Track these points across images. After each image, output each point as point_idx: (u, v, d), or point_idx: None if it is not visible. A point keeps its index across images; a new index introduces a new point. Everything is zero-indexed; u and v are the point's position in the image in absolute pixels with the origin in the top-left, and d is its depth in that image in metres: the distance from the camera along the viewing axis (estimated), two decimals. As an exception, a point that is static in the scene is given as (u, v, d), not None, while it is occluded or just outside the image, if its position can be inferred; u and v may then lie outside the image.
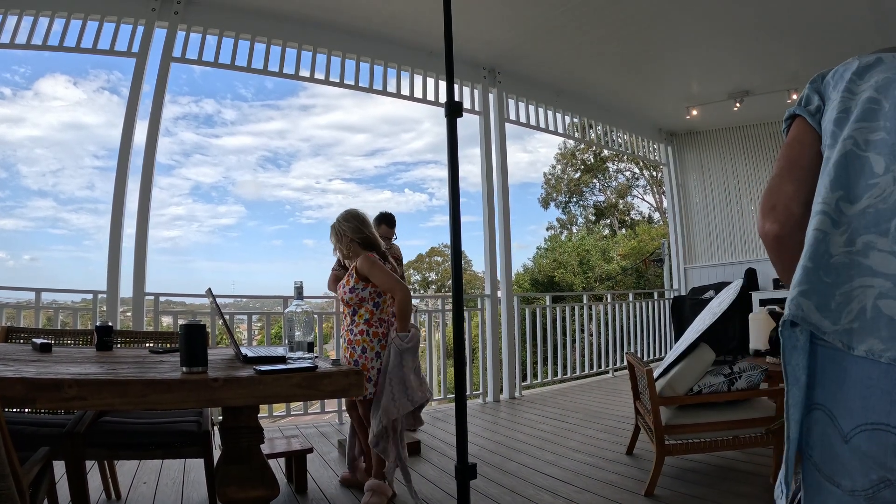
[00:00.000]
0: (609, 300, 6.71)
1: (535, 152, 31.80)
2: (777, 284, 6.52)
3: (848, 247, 0.63)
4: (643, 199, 22.00)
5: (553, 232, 22.18)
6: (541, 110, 5.92)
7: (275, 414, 4.48)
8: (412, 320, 2.62)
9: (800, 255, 0.73)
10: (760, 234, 0.81)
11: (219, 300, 3.06)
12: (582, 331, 6.09)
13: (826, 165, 0.74)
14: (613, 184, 22.09)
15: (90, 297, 3.82)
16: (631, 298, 6.91)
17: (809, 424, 0.63)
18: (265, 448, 2.52)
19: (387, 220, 3.98)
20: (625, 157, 18.47)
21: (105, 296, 3.70)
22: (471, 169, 5.70)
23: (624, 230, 21.18)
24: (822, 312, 0.61)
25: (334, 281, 3.35)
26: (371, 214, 3.75)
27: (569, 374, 6.02)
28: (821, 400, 0.61)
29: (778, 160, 0.88)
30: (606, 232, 21.78)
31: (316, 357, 1.75)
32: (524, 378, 5.56)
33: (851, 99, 0.79)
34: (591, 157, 21.10)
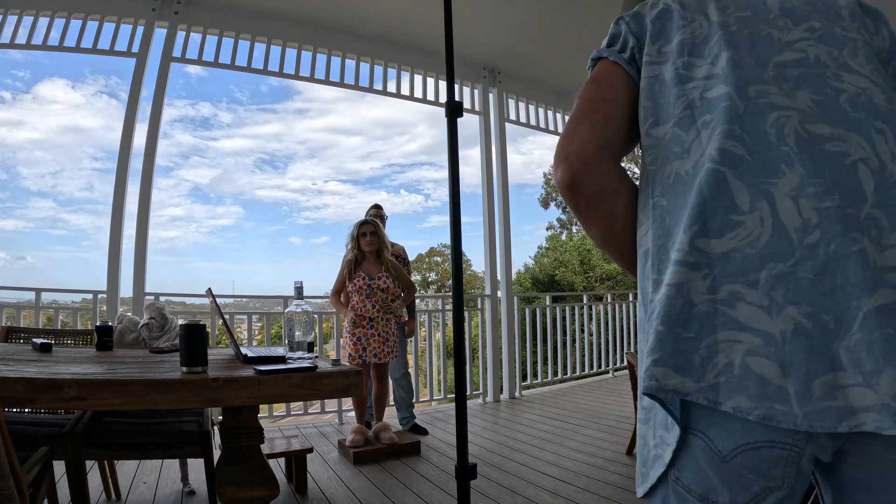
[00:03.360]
0: (609, 300, 6.71)
1: (528, 154, 31.87)
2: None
3: (711, 294, 0.57)
4: (643, 199, 22.03)
5: (553, 232, 22.19)
6: (541, 110, 5.92)
7: (275, 414, 4.48)
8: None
9: (605, 210, 0.72)
10: (557, 186, 0.73)
11: (219, 300, 3.06)
12: (582, 331, 6.08)
13: (676, 183, 0.66)
14: (613, 184, 22.12)
15: (90, 297, 3.83)
16: (631, 298, 6.90)
17: (680, 446, 0.58)
18: (265, 448, 2.53)
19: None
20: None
21: (105, 296, 3.71)
22: (465, 170, 5.68)
23: (624, 230, 21.20)
24: (683, 372, 0.56)
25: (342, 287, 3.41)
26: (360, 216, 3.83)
27: (569, 374, 6.01)
28: (696, 425, 0.58)
29: (575, 105, 0.79)
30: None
31: (316, 357, 1.75)
32: (524, 378, 5.56)
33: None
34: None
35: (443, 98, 4.21)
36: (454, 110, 1.51)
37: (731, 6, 0.77)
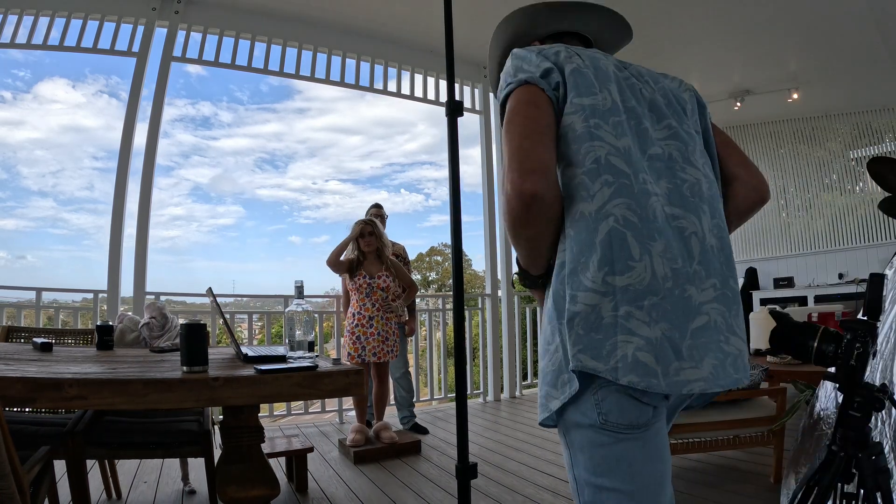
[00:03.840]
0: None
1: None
2: (778, 284, 6.53)
3: (614, 312, 0.85)
4: (644, 199, 22.02)
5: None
6: (541, 109, 5.92)
7: (275, 413, 4.48)
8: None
9: (548, 223, 0.90)
10: (516, 193, 0.86)
11: (219, 299, 3.06)
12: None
13: (581, 220, 0.89)
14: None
15: (91, 296, 3.83)
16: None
17: (602, 397, 0.88)
18: (266, 447, 2.53)
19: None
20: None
21: (106, 295, 3.71)
22: (466, 169, 5.69)
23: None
24: (597, 359, 0.85)
25: (342, 260, 3.42)
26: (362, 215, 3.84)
27: (569, 374, 6.01)
28: (599, 387, 0.88)
29: (518, 124, 0.92)
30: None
31: (316, 356, 1.75)
32: (525, 377, 5.56)
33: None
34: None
35: (443, 97, 4.21)
36: (454, 109, 1.51)
37: (625, 91, 1.00)
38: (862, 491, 1.09)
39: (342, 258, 3.47)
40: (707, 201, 0.96)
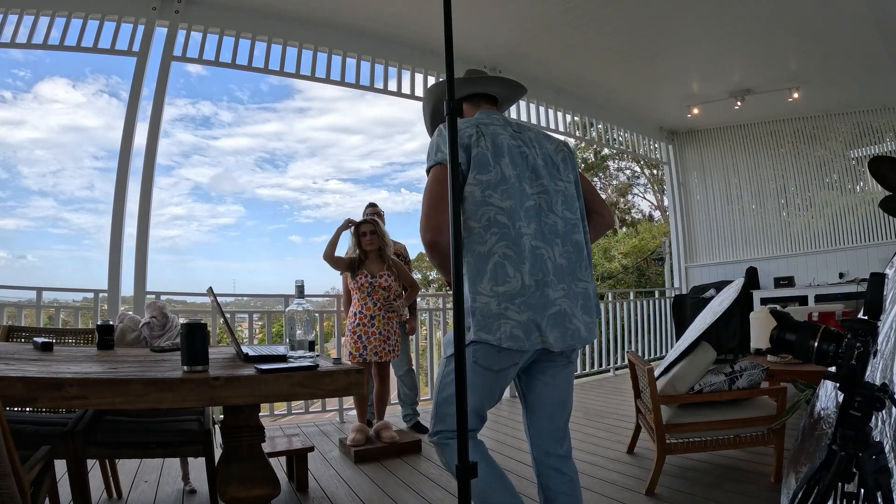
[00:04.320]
0: (610, 299, 6.71)
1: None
2: (778, 283, 6.52)
3: (499, 308, 1.42)
4: (644, 198, 21.97)
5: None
6: (541, 109, 5.92)
7: (276, 413, 4.49)
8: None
9: (444, 256, 1.47)
10: (427, 244, 1.47)
11: (220, 299, 3.06)
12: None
13: (480, 255, 1.46)
14: (614, 182, 22.06)
15: (91, 296, 3.83)
16: (632, 297, 6.90)
17: (476, 349, 1.45)
18: (266, 447, 2.53)
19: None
20: (626, 155, 18.45)
21: (106, 295, 3.71)
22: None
23: (625, 228, 21.16)
24: (487, 334, 1.42)
25: (343, 257, 3.42)
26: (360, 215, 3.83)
27: (569, 373, 6.01)
28: (484, 348, 1.46)
29: (429, 194, 1.49)
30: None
31: (317, 356, 1.75)
32: (525, 377, 5.54)
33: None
34: (592, 155, 21.07)
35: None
36: (454, 109, 1.51)
37: (515, 159, 1.52)
38: (862, 490, 1.09)
39: (344, 255, 3.47)
40: (560, 236, 1.53)
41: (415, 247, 4.22)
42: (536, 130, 1.68)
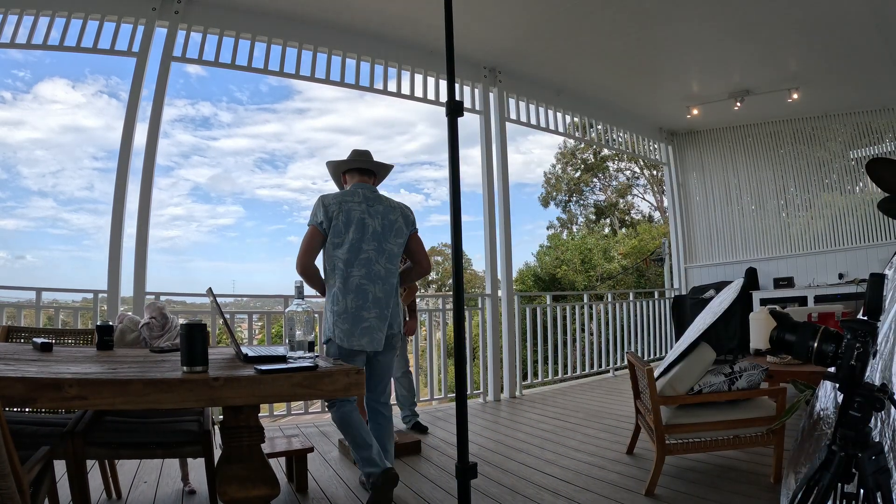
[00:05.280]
0: (610, 299, 6.71)
1: (528, 153, 31.89)
2: (778, 284, 6.53)
3: (334, 321, 2.41)
4: (643, 199, 21.98)
5: (553, 231, 22.17)
6: (541, 109, 5.92)
7: (275, 413, 4.48)
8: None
9: (310, 278, 2.46)
10: (300, 271, 2.42)
11: (219, 299, 3.06)
12: (582, 330, 6.08)
13: (331, 292, 2.46)
14: (614, 183, 22.06)
15: (91, 296, 3.83)
16: (631, 298, 6.90)
17: (329, 347, 2.47)
18: (266, 447, 2.52)
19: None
20: (625, 156, 18.45)
21: (106, 295, 3.71)
22: (466, 169, 5.70)
23: (624, 229, 21.16)
24: (331, 336, 2.43)
25: None
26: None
27: (569, 374, 6.02)
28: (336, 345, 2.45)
29: (304, 241, 2.44)
30: (607, 231, 21.76)
31: (317, 356, 1.75)
32: (525, 377, 5.56)
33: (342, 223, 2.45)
34: (591, 156, 21.08)
35: (443, 97, 4.21)
36: (454, 110, 1.51)
37: (358, 228, 2.42)
38: (862, 491, 1.09)
39: None
40: (381, 279, 2.44)
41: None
42: (387, 203, 2.51)
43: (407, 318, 3.90)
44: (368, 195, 2.47)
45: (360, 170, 2.59)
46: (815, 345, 1.15)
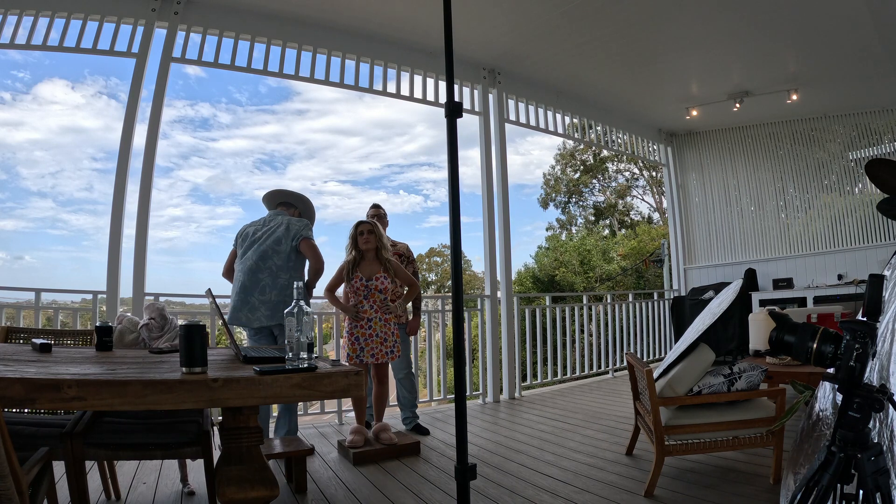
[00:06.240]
0: (609, 300, 6.71)
1: (527, 154, 31.92)
2: (777, 285, 6.54)
3: (232, 304, 3.39)
4: (643, 200, 22.01)
5: (553, 232, 22.18)
6: (540, 111, 5.93)
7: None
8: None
9: (228, 274, 3.52)
10: (224, 276, 3.56)
11: (218, 300, 3.08)
12: (582, 331, 6.09)
13: (234, 286, 3.42)
14: (613, 184, 22.09)
15: (90, 297, 3.82)
16: (631, 299, 6.91)
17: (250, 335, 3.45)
18: (265, 448, 2.52)
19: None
20: (624, 157, 18.48)
21: (105, 296, 3.70)
22: (465, 170, 5.71)
23: (624, 230, 21.18)
24: (238, 317, 3.35)
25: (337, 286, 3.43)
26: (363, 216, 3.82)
27: (569, 375, 6.02)
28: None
29: (229, 258, 3.52)
30: (606, 232, 21.78)
31: (315, 357, 1.75)
32: (524, 378, 5.56)
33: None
34: (591, 157, 21.10)
35: (442, 98, 4.21)
36: (454, 111, 1.52)
37: (248, 241, 3.40)
38: (861, 491, 1.09)
39: (343, 260, 3.48)
40: (254, 278, 3.29)
41: (414, 248, 4.21)
42: (281, 222, 3.38)
43: (409, 318, 3.90)
44: (270, 220, 3.45)
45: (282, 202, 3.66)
46: (815, 346, 1.15)
